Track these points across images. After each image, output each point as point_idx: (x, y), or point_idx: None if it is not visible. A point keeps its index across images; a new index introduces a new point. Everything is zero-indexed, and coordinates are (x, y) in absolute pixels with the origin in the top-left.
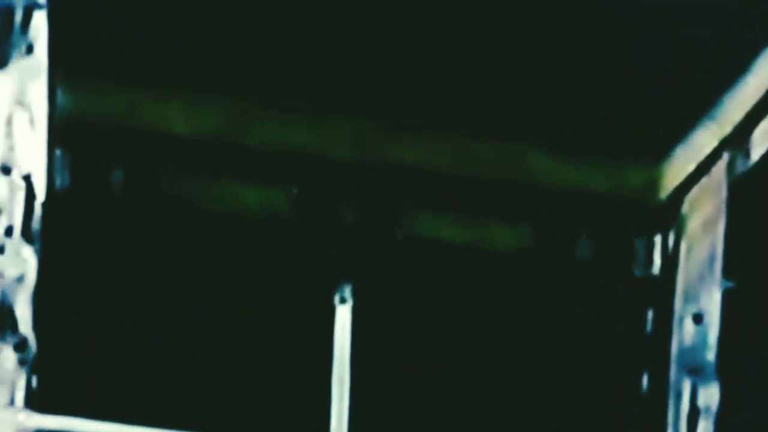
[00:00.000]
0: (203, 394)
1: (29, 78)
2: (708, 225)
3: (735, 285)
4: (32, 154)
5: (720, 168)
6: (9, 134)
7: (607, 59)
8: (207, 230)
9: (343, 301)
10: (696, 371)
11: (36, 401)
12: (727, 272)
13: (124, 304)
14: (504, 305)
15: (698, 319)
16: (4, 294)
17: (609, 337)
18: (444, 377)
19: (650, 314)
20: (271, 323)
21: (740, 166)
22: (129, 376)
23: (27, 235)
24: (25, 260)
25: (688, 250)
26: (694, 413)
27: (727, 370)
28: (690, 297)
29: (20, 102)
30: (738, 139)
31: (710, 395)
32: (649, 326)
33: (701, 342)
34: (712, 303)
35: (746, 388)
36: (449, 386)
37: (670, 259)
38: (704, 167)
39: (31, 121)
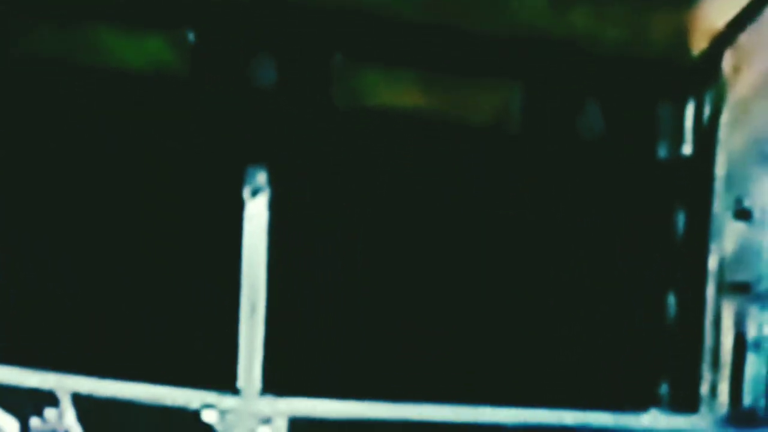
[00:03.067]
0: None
1: None
2: (761, 88)
3: None
4: None
5: None
6: None
7: None
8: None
9: (255, 192)
10: (742, 288)
11: None
12: None
13: None
14: (478, 202)
15: (745, 215)
16: None
17: (624, 243)
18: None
19: (679, 211)
20: (160, 222)
21: None
22: None
23: None
24: None
25: (733, 123)
26: (740, 345)
27: None
28: (734, 186)
29: None
30: None
31: (762, 320)
32: (677, 227)
33: (749, 248)
34: (765, 194)
35: None
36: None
37: (707, 135)
38: (755, 7)
39: None
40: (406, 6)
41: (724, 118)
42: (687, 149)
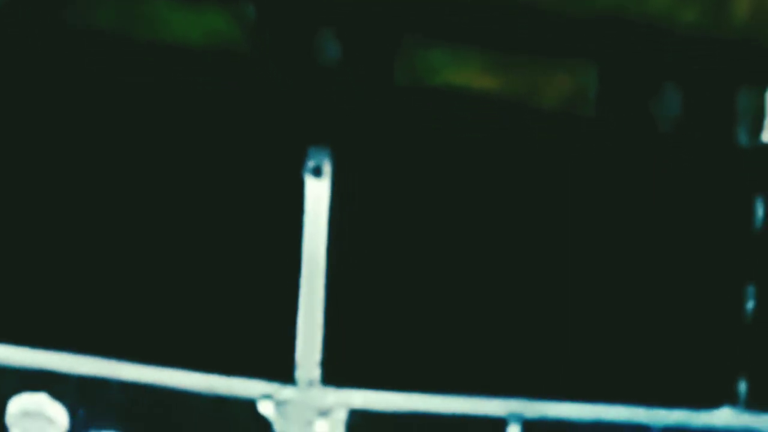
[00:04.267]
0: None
1: None
2: None
3: None
4: None
5: None
6: None
7: None
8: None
9: (317, 173)
10: None
11: None
12: None
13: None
14: (549, 189)
15: None
16: None
17: (700, 233)
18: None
19: (759, 200)
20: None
21: None
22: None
23: None
24: None
25: None
26: None
27: None
28: None
29: None
30: None
31: None
32: (757, 217)
33: None
34: None
35: None
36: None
37: None
38: None
39: None
40: None
41: None
42: (767, 136)
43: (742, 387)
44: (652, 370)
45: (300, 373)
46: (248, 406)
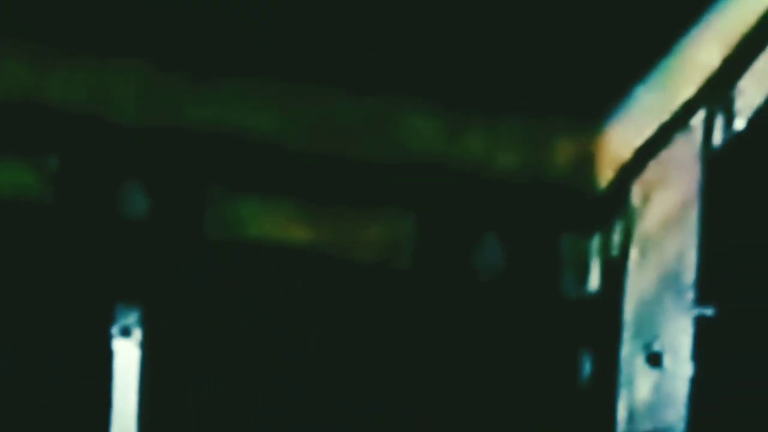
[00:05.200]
0: None
1: None
2: (672, 221)
3: (714, 312)
4: None
5: (690, 137)
6: None
7: None
8: None
9: (125, 333)
10: None
11: None
12: (701, 292)
13: None
14: (365, 344)
15: (656, 360)
16: None
17: (524, 390)
18: None
19: (585, 354)
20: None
21: (720, 133)
22: None
23: None
24: None
25: (641, 258)
26: None
27: None
28: (644, 328)
29: None
30: (716, 91)
31: None
32: (583, 373)
33: (662, 396)
34: (678, 337)
35: None
36: None
37: (615, 272)
38: (663, 136)
39: None
40: (288, 133)
41: (633, 254)
42: (593, 287)
43: None
44: None
45: None
46: None
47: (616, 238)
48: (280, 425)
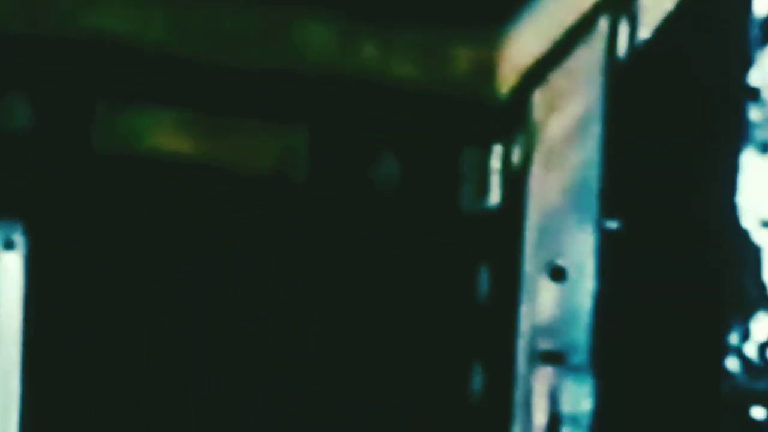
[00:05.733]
0: None
1: None
2: (575, 133)
3: (620, 225)
4: None
5: (594, 45)
6: None
7: None
8: None
9: (9, 245)
10: (556, 358)
11: None
12: (607, 205)
13: None
14: (257, 260)
15: (559, 274)
16: None
17: (421, 306)
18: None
19: (484, 270)
20: None
21: (626, 41)
22: None
23: None
24: None
25: (544, 171)
26: (554, 423)
27: (605, 356)
28: (547, 243)
29: None
30: None
31: (579, 395)
32: (482, 289)
33: (565, 312)
34: (582, 252)
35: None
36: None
37: (516, 185)
38: (566, 45)
39: None
40: (175, 41)
41: (535, 166)
42: (493, 201)
43: None
44: None
45: None
46: None
47: (518, 150)
48: (166, 341)
